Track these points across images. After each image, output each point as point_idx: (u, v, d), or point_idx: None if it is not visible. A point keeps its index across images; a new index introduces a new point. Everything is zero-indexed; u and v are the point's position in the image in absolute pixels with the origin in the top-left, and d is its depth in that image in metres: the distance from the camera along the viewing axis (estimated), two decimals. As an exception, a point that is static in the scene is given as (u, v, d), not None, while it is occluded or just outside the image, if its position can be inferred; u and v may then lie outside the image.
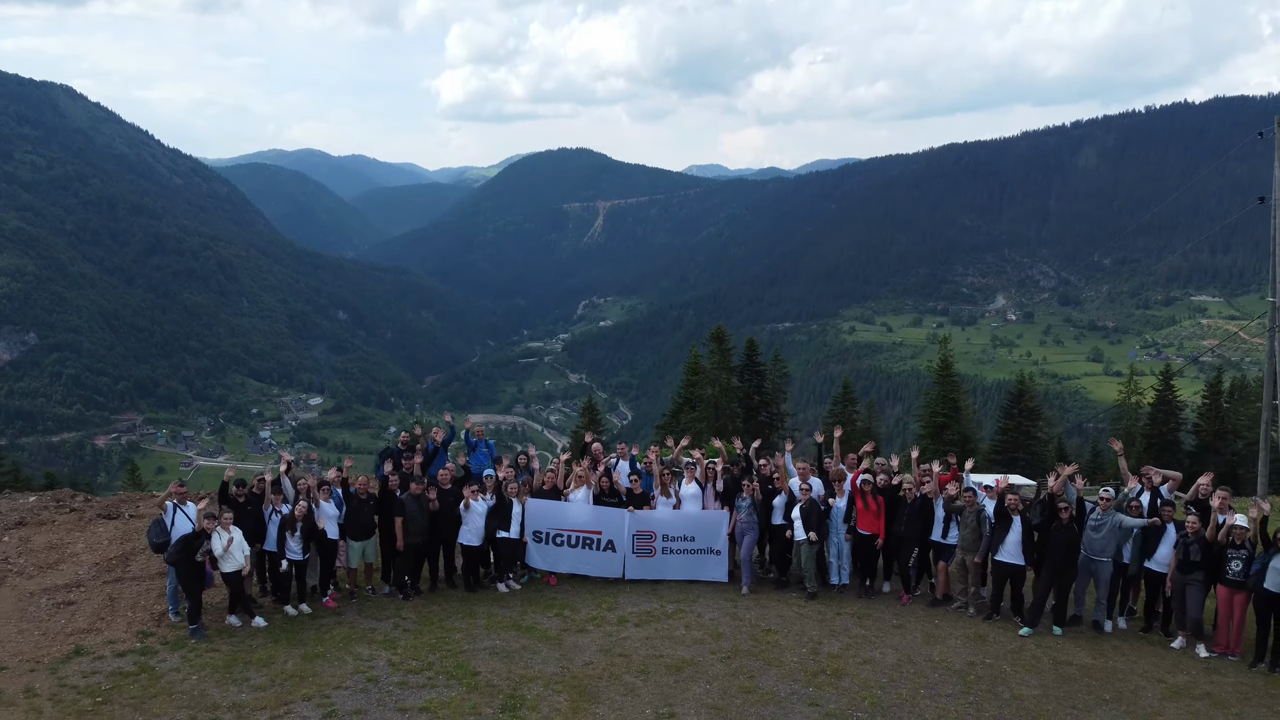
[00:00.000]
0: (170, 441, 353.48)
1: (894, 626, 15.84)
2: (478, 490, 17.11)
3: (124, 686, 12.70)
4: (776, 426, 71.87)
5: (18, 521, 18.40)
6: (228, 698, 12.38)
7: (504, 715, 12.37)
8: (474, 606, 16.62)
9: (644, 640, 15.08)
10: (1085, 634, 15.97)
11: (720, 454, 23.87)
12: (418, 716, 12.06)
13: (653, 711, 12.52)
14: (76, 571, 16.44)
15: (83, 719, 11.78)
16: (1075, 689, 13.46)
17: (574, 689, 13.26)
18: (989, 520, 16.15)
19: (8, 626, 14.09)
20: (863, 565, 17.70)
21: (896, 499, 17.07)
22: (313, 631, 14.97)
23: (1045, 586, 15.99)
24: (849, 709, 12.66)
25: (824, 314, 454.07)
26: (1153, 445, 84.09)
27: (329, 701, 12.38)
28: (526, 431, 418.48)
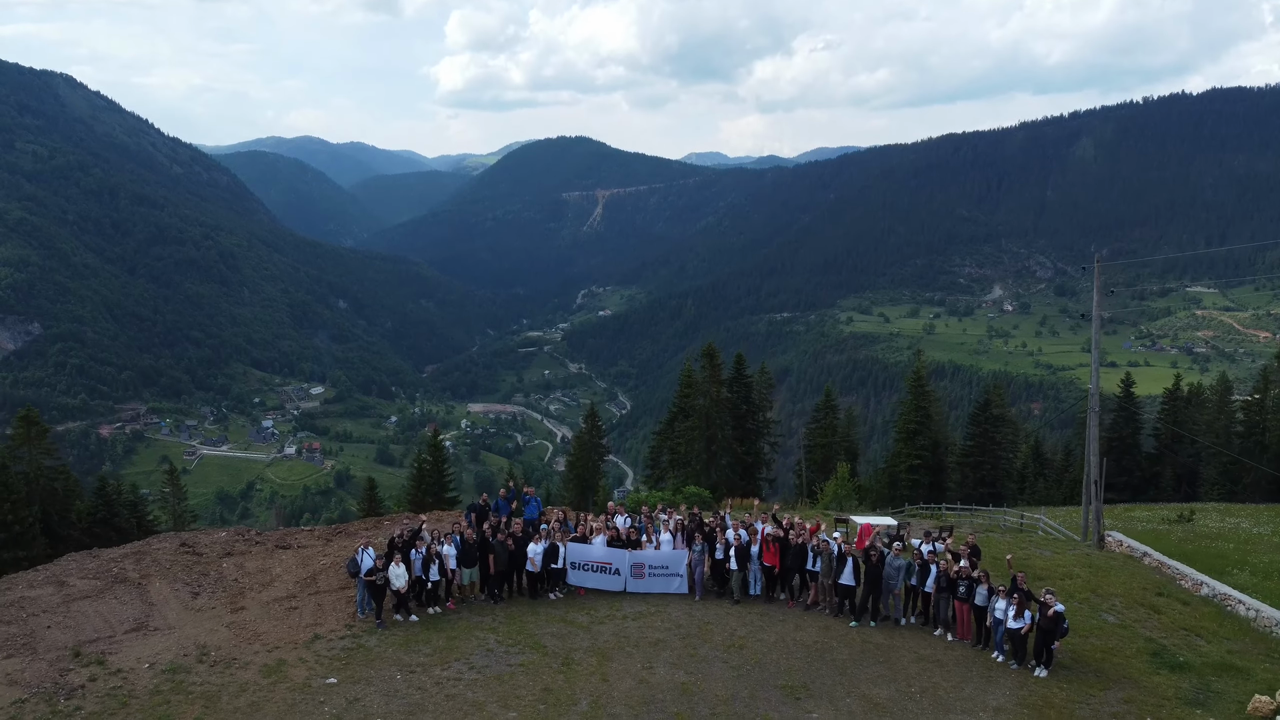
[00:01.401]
0: (174, 431, 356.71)
1: (780, 620, 23.84)
2: (538, 537, 24.13)
3: (353, 654, 20.07)
4: (763, 432, 78.44)
5: (226, 553, 24.64)
6: (413, 660, 19.93)
7: (563, 668, 20.05)
8: (536, 608, 24.28)
9: (637, 628, 22.82)
10: (887, 626, 23.79)
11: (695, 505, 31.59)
12: (518, 668, 19.18)
13: (640, 666, 20.20)
14: (286, 587, 22.81)
15: (339, 671, 19.05)
16: (870, 656, 21.28)
17: (598, 654, 21.00)
18: (835, 558, 24.30)
19: (264, 624, 20.56)
20: (767, 583, 25.78)
21: (786, 544, 24.80)
22: (446, 623, 22.39)
23: (864, 597, 24.05)
24: (743, 664, 20.44)
25: (822, 304, 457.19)
26: (1113, 448, 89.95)
27: (469, 660, 20.00)
28: (526, 420, 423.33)
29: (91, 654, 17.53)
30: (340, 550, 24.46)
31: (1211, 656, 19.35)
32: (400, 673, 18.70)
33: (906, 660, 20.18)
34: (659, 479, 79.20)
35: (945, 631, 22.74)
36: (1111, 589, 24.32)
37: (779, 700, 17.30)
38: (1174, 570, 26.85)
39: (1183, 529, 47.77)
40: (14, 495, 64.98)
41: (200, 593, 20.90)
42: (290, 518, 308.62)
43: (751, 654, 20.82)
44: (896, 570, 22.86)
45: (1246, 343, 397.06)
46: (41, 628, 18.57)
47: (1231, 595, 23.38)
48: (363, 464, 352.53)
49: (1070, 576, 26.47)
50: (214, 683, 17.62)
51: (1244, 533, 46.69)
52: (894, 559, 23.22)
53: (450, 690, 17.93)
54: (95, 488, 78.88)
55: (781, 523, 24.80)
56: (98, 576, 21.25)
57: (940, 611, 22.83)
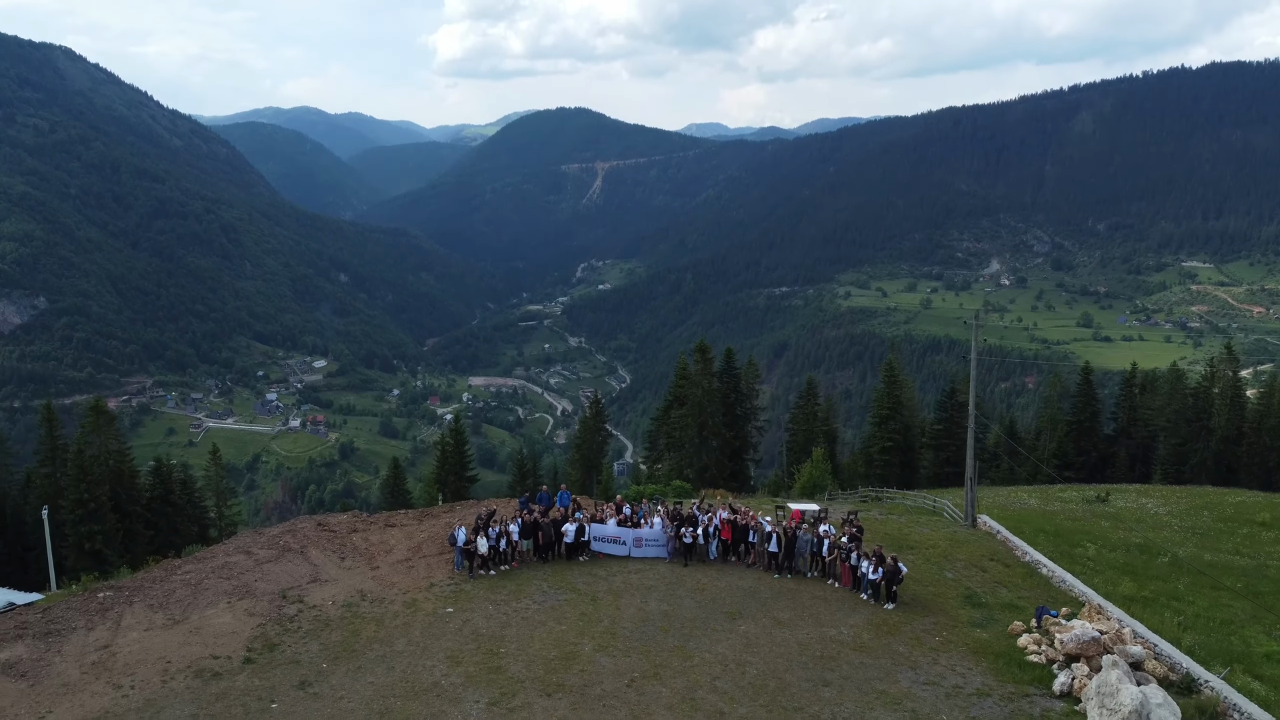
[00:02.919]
0: (180, 404, 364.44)
1: (729, 574, 33.15)
2: (574, 519, 34.14)
3: (458, 595, 29.17)
4: (749, 418, 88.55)
5: (352, 530, 34.06)
6: (496, 598, 29.10)
7: (591, 602, 29.18)
8: (571, 566, 33.50)
9: (637, 579, 32.26)
10: (798, 578, 32.74)
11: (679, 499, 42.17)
12: (563, 602, 29.04)
13: (640, 601, 29.20)
14: (402, 553, 31.90)
15: (452, 605, 28.38)
16: (783, 596, 30.33)
17: (613, 594, 30.30)
18: (766, 534, 33.77)
19: (395, 576, 29.71)
20: (723, 551, 34.87)
21: (735, 525, 34.49)
22: (514, 576, 31.62)
23: (783, 559, 33.10)
24: (704, 600, 29.80)
25: (820, 278, 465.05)
26: (1073, 430, 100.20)
27: (532, 598, 29.32)
28: (527, 394, 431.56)
29: (293, 595, 27.56)
30: (431, 528, 34.57)
31: (1004, 599, 29.16)
32: (490, 605, 27.70)
33: (806, 598, 29.38)
34: (657, 459, 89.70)
35: (834, 581, 31.72)
36: (959, 555, 34.21)
37: (723, 619, 27.08)
38: (1013, 544, 36.48)
39: (1093, 508, 58.33)
40: (89, 477, 75.68)
41: (345, 557, 30.96)
42: (296, 490, 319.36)
43: (709, 594, 30.06)
44: (804, 543, 32.20)
45: (1240, 317, 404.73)
46: (251, 581, 28.61)
47: (1041, 561, 33.07)
48: (366, 437, 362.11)
49: (934, 546, 36.31)
50: (375, 612, 26.98)
51: (1137, 513, 57.22)
52: (803, 534, 32.57)
53: (523, 615, 27.19)
54: (152, 468, 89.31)
55: (735, 510, 34.91)
56: (270, 547, 31.31)
57: (830, 568, 32.23)
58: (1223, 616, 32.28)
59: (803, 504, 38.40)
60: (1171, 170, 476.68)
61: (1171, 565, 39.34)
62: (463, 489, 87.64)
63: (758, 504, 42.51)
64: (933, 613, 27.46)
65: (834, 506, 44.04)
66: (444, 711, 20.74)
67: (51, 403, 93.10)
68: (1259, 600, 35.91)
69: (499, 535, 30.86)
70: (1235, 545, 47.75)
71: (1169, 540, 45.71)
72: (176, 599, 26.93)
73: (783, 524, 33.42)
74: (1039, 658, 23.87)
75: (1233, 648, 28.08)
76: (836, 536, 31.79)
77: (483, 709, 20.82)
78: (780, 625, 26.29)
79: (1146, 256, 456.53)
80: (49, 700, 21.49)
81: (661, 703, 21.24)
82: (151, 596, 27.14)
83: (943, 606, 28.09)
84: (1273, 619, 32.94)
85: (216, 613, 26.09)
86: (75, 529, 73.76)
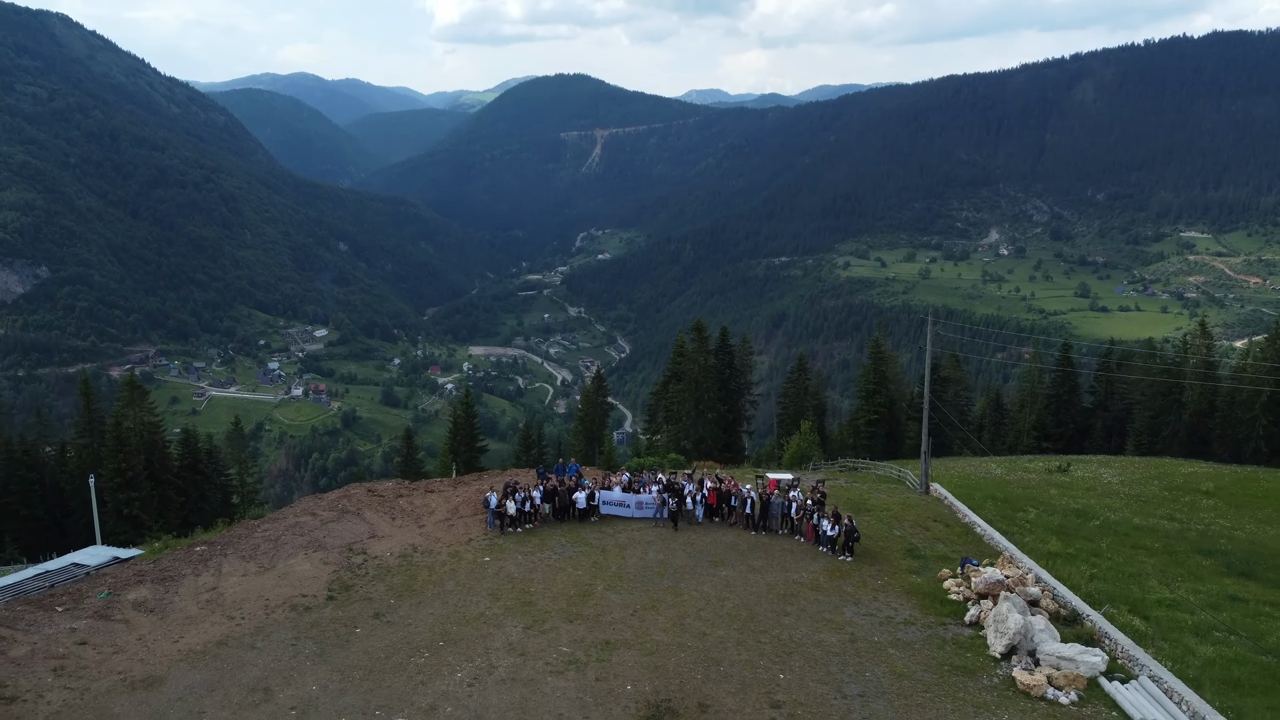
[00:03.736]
0: (183, 372, 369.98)
1: (714, 531, 38.60)
2: (583, 488, 40.22)
3: (493, 547, 35.16)
4: (743, 393, 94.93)
5: (398, 495, 40.26)
6: (524, 550, 35.08)
7: (600, 553, 35.32)
8: (584, 525, 38.87)
9: (639, 535, 38.23)
10: (770, 535, 37.97)
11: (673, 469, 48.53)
12: (579, 553, 35.01)
13: (640, 553, 35.20)
14: (443, 514, 37.68)
15: (489, 555, 34.56)
16: (758, 549, 36.23)
17: (618, 547, 36.36)
18: (745, 499, 39.42)
19: (439, 533, 35.31)
20: (708, 513, 40.07)
21: (720, 491, 40.18)
22: (537, 533, 36.92)
23: (760, 518, 38.67)
24: (693, 552, 35.69)
25: (819, 248, 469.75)
26: (1051, 404, 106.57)
27: (553, 550, 35.31)
28: (527, 363, 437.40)
29: (357, 548, 33.82)
30: (466, 494, 40.80)
31: (940, 552, 35.21)
32: (519, 555, 33.63)
33: (776, 551, 35.20)
34: (655, 431, 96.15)
35: (800, 537, 37.21)
36: (908, 517, 40.25)
37: (708, 566, 33.19)
38: (957, 508, 42.47)
39: (1052, 478, 64.76)
40: (126, 447, 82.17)
41: (395, 518, 37.22)
42: (300, 457, 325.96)
43: (697, 547, 35.78)
44: (777, 506, 38.35)
45: (1237, 288, 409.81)
46: (320, 537, 34.84)
47: (977, 522, 39.17)
48: (368, 405, 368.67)
49: (888, 509, 42.23)
50: (427, 561, 32.93)
51: (1091, 482, 63.62)
52: (776, 499, 38.48)
53: (547, 563, 33.12)
54: (181, 439, 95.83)
55: (720, 479, 41.16)
56: (331, 510, 37.51)
57: (798, 527, 37.72)
58: (1133, 570, 38.61)
59: (778, 474, 44.55)
60: (1172, 140, 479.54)
61: (1102, 528, 45.80)
62: (473, 458, 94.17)
63: (741, 474, 48.66)
64: (878, 562, 33.77)
65: (810, 476, 50.15)
66: (490, 633, 27.09)
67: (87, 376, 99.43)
68: (1171, 558, 42.41)
69: (524, 499, 37.13)
70: (1171, 511, 54.05)
71: (1108, 506, 52.12)
72: (262, 551, 33.30)
73: (760, 490, 39.55)
74: (958, 596, 30.21)
75: (1131, 594, 34.36)
76: (803, 501, 38.00)
77: (520, 631, 27.18)
78: (753, 571, 32.58)
79: (1145, 226, 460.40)
80: (178, 629, 27.84)
81: (658, 627, 27.59)
82: (241, 549, 33.52)
83: (888, 558, 34.40)
84: (1174, 572, 39.43)
85: (297, 562, 32.46)
86: (114, 496, 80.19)
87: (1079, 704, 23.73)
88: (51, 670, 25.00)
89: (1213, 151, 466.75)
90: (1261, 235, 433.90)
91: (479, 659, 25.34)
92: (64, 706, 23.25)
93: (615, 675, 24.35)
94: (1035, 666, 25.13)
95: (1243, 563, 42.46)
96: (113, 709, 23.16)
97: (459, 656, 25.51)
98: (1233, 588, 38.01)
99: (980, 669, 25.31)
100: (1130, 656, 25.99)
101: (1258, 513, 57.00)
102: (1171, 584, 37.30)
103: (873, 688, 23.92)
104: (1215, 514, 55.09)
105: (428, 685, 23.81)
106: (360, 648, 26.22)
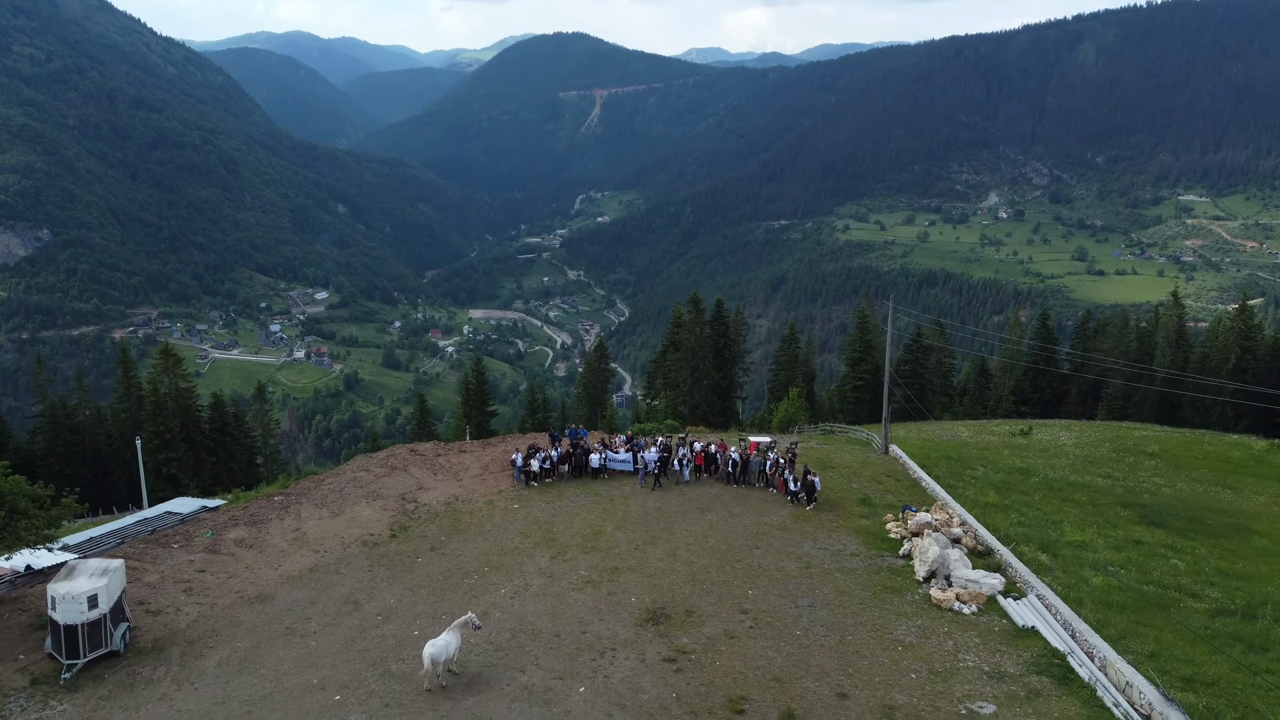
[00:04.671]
0: (185, 335, 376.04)
1: (702, 487, 45.41)
2: (595, 449, 47.63)
3: (520, 497, 42.23)
4: (736, 361, 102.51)
5: (436, 454, 47.61)
6: (546, 500, 42.14)
7: (609, 502, 42.83)
8: (595, 481, 46.02)
9: (638, 491, 45.48)
10: (748, 488, 45.02)
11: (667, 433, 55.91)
12: (591, 502, 42.70)
13: (641, 502, 42.69)
14: (476, 470, 45.10)
15: (518, 503, 42.24)
16: (738, 499, 43.38)
17: (623, 497, 43.77)
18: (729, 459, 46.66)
19: (474, 486, 42.69)
20: (696, 471, 46.61)
21: (708, 453, 47.31)
22: (557, 487, 43.96)
23: (740, 474, 45.69)
24: (684, 501, 42.69)
25: (819, 211, 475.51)
26: (1029, 370, 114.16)
27: (570, 500, 42.35)
28: (526, 327, 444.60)
29: (409, 498, 41.39)
30: (494, 453, 48.25)
31: (889, 502, 42.62)
32: (543, 504, 40.72)
33: (753, 500, 42.38)
34: (655, 396, 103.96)
35: (773, 489, 43.78)
36: (865, 473, 47.69)
37: (696, 512, 40.61)
38: (909, 466, 49.63)
39: (1013, 440, 72.48)
40: (163, 411, 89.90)
41: (436, 473, 44.77)
42: (303, 419, 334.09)
43: (688, 498, 42.74)
44: (755, 464, 45.68)
45: (1234, 252, 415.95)
46: (377, 489, 42.38)
47: (924, 478, 46.43)
48: (370, 368, 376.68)
49: (849, 467, 49.25)
50: (467, 508, 40.13)
51: (1047, 444, 71.30)
52: (754, 458, 46.11)
53: (566, 509, 40.20)
54: (211, 403, 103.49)
55: (710, 444, 48.82)
56: (381, 467, 45.06)
57: (770, 481, 44.43)
58: (1056, 518, 46.23)
59: (758, 437, 52.07)
60: (1172, 102, 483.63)
61: (1040, 483, 53.54)
62: (484, 421, 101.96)
63: (728, 437, 56.29)
64: (836, 509, 41.46)
65: (791, 439, 57.72)
66: (524, 562, 34.79)
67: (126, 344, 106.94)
68: (1095, 509, 50.09)
69: (545, 459, 44.80)
70: (1110, 470, 61.62)
71: (1052, 466, 59.81)
72: (331, 500, 41.05)
73: (741, 452, 47.13)
74: (896, 535, 37.91)
75: (1047, 537, 42.00)
76: (776, 460, 45.68)
77: (547, 560, 34.90)
78: (732, 515, 40.26)
79: (1144, 189, 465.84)
80: (275, 560, 35.58)
81: (655, 557, 35.30)
82: (313, 498, 41.27)
83: (844, 506, 42.08)
84: (1092, 520, 47.15)
85: (361, 509, 40.21)
86: (153, 456, 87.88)
87: (978, 614, 31.46)
88: (182, 591, 32.75)
89: (1213, 114, 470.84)
90: (1260, 199, 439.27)
91: (517, 580, 33.10)
92: (199, 616, 31.01)
93: (622, 591, 32.12)
94: (948, 587, 32.87)
95: (1156, 514, 50.08)
96: (238, 617, 30.92)
97: (501, 578, 33.28)
98: (1140, 534, 45.55)
99: (905, 589, 33.08)
100: (1025, 581, 33.68)
101: (1193, 473, 64.47)
102: (1085, 530, 45.02)
103: (819, 600, 31.71)
104: (1153, 473, 62.53)
105: (479, 599, 31.55)
106: (423, 573, 33.98)
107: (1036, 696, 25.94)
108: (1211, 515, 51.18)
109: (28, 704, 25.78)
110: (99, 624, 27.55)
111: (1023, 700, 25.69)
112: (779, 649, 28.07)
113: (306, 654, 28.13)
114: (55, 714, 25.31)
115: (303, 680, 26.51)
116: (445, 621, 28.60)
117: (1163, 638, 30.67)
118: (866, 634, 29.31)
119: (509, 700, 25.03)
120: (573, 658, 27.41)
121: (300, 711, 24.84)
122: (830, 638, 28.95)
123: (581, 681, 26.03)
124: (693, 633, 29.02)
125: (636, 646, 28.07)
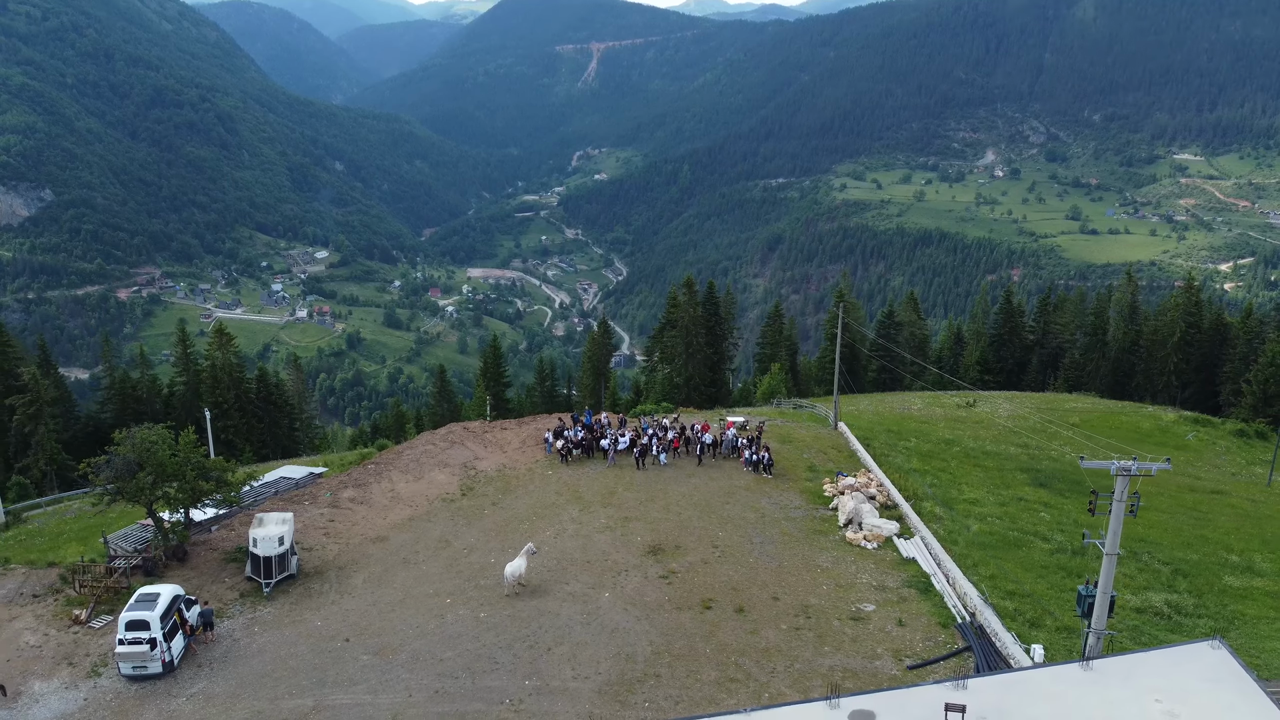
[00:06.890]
0: (189, 294, 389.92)
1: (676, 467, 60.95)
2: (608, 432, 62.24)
3: (553, 466, 56.04)
4: (726, 336, 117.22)
5: (484, 431, 62.18)
6: (574, 469, 56.05)
7: (619, 470, 57.46)
8: (603, 463, 62.05)
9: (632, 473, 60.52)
10: (720, 460, 59.30)
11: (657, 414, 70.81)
12: (605, 473, 57.67)
13: (643, 472, 57.51)
14: (517, 444, 59.05)
15: (553, 471, 56.37)
16: (713, 469, 57.69)
17: (630, 468, 58.44)
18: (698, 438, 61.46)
19: (517, 457, 56.82)
20: (676, 454, 61.86)
21: (685, 436, 61.49)
22: (579, 461, 57.79)
23: (714, 450, 59.75)
24: (671, 473, 57.55)
25: (817, 169, 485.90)
26: (995, 341, 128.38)
27: (590, 471, 57.35)
28: (525, 286, 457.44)
29: (469, 466, 55.96)
30: (529, 431, 62.80)
31: (830, 469, 56.83)
32: (570, 472, 54.31)
33: (725, 470, 55.94)
34: (652, 369, 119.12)
35: (740, 462, 58.52)
36: (817, 446, 62.30)
37: (684, 478, 54.78)
38: (850, 439, 63.77)
39: (957, 412, 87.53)
40: (220, 385, 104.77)
41: (486, 447, 59.57)
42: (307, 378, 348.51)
43: (677, 468, 57.13)
44: (728, 442, 60.09)
45: (1226, 211, 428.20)
46: (444, 459, 57.11)
47: (860, 450, 61.03)
48: (371, 327, 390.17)
49: (803, 440, 63.24)
50: (514, 474, 54.21)
51: (985, 415, 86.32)
52: (729, 435, 60.92)
53: (588, 476, 53.89)
54: (256, 376, 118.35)
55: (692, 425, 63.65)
56: (444, 441, 59.83)
57: (737, 454, 58.42)
58: (965, 480, 61.36)
59: (735, 416, 66.85)
60: (1170, 60, 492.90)
61: (959, 453, 68.71)
62: (500, 392, 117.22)
63: (711, 416, 71.19)
64: (788, 476, 56.41)
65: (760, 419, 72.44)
66: (560, 513, 49.79)
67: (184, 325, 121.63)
68: (998, 474, 65.16)
69: (569, 438, 59.78)
70: (1027, 441, 76.52)
71: (975, 437, 74.92)
72: (412, 468, 56.18)
73: (718, 432, 62.01)
74: (829, 494, 52.97)
75: (950, 495, 57.00)
76: (743, 438, 60.68)
77: (577, 512, 49.94)
78: (710, 480, 55.15)
79: (1140, 148, 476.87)
80: (381, 513, 50.71)
81: (654, 510, 50.29)
82: (398, 466, 56.42)
83: (794, 473, 57.07)
84: (992, 482, 62.28)
85: (435, 474, 55.36)
86: (213, 425, 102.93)
87: (877, 549, 46.48)
88: (322, 534, 47.89)
89: (1210, 72, 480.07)
90: (1254, 158, 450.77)
91: (556, 526, 48.19)
92: (339, 552, 46.15)
93: (630, 534, 47.23)
94: (859, 530, 48.06)
95: (1045, 477, 64.91)
96: (367, 552, 46.05)
97: (545, 524, 48.38)
98: (1026, 494, 60.39)
99: (830, 532, 48.21)
100: (915, 527, 48.88)
101: (1101, 442, 78.76)
102: (979, 489, 60.01)
103: (768, 539, 46.86)
104: (1064, 442, 77.59)
105: (531, 538, 46.58)
106: (490, 520, 49.15)
107: (904, 601, 40.84)
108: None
109: (242, 609, 40.79)
110: (285, 556, 42.50)
111: (895, 603, 40.56)
112: (737, 570, 43.10)
113: (421, 575, 43.21)
114: (263, 614, 40.30)
115: (422, 590, 41.55)
116: (511, 554, 43.55)
117: (1005, 566, 45.41)
118: (797, 561, 44.37)
119: (559, 600, 40.13)
120: (599, 575, 42.44)
121: (426, 609, 39.89)
122: (772, 563, 44.01)
123: (606, 590, 41.08)
124: (679, 560, 44.02)
125: (641, 569, 43.10)
